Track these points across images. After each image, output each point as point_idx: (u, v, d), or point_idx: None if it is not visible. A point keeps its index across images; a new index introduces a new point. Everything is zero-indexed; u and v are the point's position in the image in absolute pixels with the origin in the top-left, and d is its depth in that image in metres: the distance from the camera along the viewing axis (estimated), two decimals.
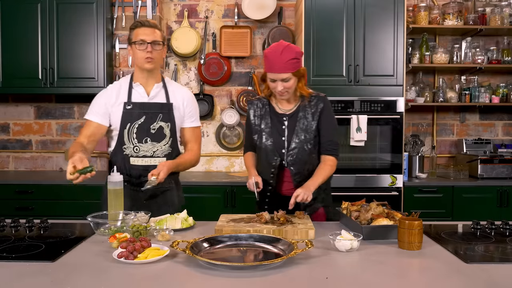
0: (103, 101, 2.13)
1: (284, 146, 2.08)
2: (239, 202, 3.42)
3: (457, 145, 4.05)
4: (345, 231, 1.59)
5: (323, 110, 2.07)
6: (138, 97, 2.12)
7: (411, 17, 3.78)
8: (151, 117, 2.10)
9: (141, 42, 2.05)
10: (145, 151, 2.10)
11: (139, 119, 2.09)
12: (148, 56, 2.05)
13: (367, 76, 3.44)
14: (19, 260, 1.43)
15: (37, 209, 3.42)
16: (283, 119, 2.10)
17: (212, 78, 3.95)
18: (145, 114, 2.10)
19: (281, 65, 1.93)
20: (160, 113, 2.12)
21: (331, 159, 2.07)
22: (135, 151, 2.10)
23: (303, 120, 2.06)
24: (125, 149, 2.11)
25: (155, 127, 2.11)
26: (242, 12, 3.92)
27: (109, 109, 2.12)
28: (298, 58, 1.97)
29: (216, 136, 4.05)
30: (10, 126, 4.09)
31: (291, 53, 1.93)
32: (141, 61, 2.08)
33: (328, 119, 2.09)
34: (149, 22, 2.09)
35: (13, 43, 3.62)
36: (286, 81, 1.97)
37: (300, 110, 2.07)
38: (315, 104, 2.07)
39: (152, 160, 2.11)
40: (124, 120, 2.09)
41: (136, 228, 1.68)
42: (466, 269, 1.37)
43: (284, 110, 2.11)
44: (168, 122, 2.12)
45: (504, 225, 1.87)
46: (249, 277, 1.29)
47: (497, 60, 3.78)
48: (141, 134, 2.09)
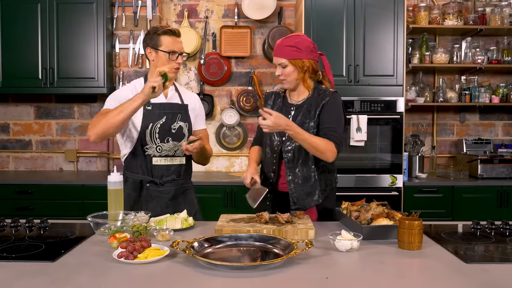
0: (121, 96, 2.05)
1: (285, 134, 2.08)
2: (239, 202, 3.42)
3: (457, 145, 4.05)
4: (345, 231, 1.59)
5: (327, 103, 2.03)
6: (156, 99, 2.10)
7: (411, 17, 3.78)
8: (172, 117, 2.13)
9: (172, 53, 2.07)
10: (167, 150, 2.12)
11: (161, 119, 2.11)
12: (177, 67, 2.09)
13: (367, 76, 3.44)
14: (19, 260, 1.43)
15: (37, 209, 3.42)
16: (290, 109, 2.12)
17: (212, 78, 3.95)
18: (165, 114, 2.12)
19: (278, 49, 2.02)
20: (179, 113, 2.15)
21: (330, 142, 1.95)
22: (158, 150, 2.11)
23: (307, 111, 2.06)
24: (147, 149, 2.10)
25: (175, 126, 2.14)
26: (242, 12, 3.92)
27: None
28: (298, 48, 1.99)
29: (216, 136, 4.05)
30: (10, 126, 4.09)
31: (290, 41, 2.00)
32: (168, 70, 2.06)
33: (330, 112, 2.01)
34: (178, 31, 2.11)
35: (13, 43, 3.62)
36: (283, 67, 2.02)
37: (307, 103, 2.08)
38: (322, 98, 2.05)
39: (174, 160, 2.14)
40: (145, 120, 2.09)
41: (136, 228, 1.68)
42: (466, 269, 1.37)
43: (294, 101, 2.13)
44: (186, 122, 2.17)
45: (504, 225, 1.87)
46: (249, 277, 1.29)
47: (497, 60, 3.78)
48: (163, 134, 2.11)
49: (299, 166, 2.06)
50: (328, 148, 1.94)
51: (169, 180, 2.13)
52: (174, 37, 2.08)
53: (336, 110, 2.04)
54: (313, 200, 2.06)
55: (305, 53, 2.01)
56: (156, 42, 2.07)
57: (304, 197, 2.06)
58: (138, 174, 2.13)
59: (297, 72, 2.03)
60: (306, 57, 2.01)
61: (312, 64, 2.05)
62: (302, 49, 2.00)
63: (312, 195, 2.06)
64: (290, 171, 2.07)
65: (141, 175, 2.12)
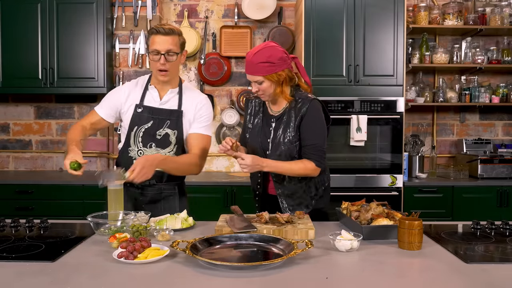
0: (115, 98, 2.12)
1: (268, 148, 2.07)
2: (239, 202, 3.42)
3: (457, 145, 4.05)
4: (345, 231, 1.59)
5: (305, 114, 1.98)
6: (151, 101, 2.09)
7: (411, 17, 3.78)
8: (158, 123, 2.06)
9: (155, 53, 1.98)
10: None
11: (147, 123, 2.06)
12: (161, 69, 1.99)
13: (367, 76, 3.44)
14: (19, 260, 1.43)
15: (37, 209, 3.42)
16: (271, 121, 2.09)
17: (212, 78, 3.95)
18: (153, 119, 2.06)
19: (251, 67, 1.93)
20: (168, 120, 2.07)
21: (308, 162, 1.99)
22: (139, 154, 2.07)
23: (287, 123, 2.02)
24: (130, 151, 2.09)
25: (161, 133, 2.07)
26: (242, 12, 3.92)
27: (119, 107, 2.12)
28: (272, 63, 1.90)
29: (216, 136, 4.05)
30: (10, 126, 4.09)
31: (262, 57, 1.90)
32: (155, 72, 2.05)
33: (309, 124, 1.99)
34: (164, 28, 1.98)
35: (13, 43, 3.62)
36: (259, 84, 1.95)
37: (286, 113, 2.04)
38: (300, 108, 2.00)
39: None
40: (132, 122, 2.08)
41: (136, 228, 1.68)
42: (466, 269, 1.37)
43: (274, 112, 2.09)
44: (175, 129, 2.07)
45: (504, 225, 1.87)
46: (249, 277, 1.29)
47: (497, 60, 3.78)
48: (147, 138, 2.06)
49: (286, 179, 2.05)
50: (308, 169, 1.98)
51: (147, 184, 2.07)
52: (158, 35, 1.97)
53: (316, 122, 2.01)
54: (305, 207, 2.08)
55: (279, 66, 1.92)
56: (148, 42, 2.04)
57: (296, 207, 2.07)
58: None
59: (274, 85, 1.96)
60: (281, 69, 1.93)
61: (287, 73, 1.97)
62: (275, 63, 1.91)
63: (303, 204, 2.08)
64: (279, 185, 2.07)
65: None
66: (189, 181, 3.49)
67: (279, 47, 1.97)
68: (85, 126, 2.09)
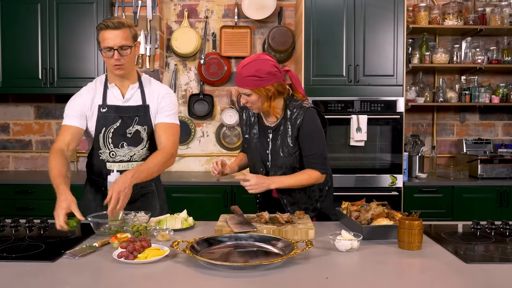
0: (78, 103, 2.01)
1: (268, 159, 2.07)
2: (239, 202, 3.42)
3: (457, 145, 4.05)
4: (345, 231, 1.59)
5: (302, 124, 1.98)
6: (114, 100, 2.01)
7: (411, 17, 3.78)
8: (127, 121, 2.00)
9: (108, 49, 1.89)
10: (121, 156, 2.01)
11: (115, 123, 1.99)
12: (116, 64, 1.91)
13: (367, 76, 3.44)
14: (19, 260, 1.43)
15: (37, 209, 3.42)
16: (267, 132, 2.07)
17: (212, 78, 3.95)
18: (120, 118, 1.99)
19: (239, 80, 1.92)
20: (136, 116, 2.01)
21: (313, 171, 2.00)
22: (111, 156, 2.01)
23: (284, 135, 2.02)
24: (101, 154, 2.02)
25: (132, 131, 2.01)
26: (242, 12, 3.92)
27: (85, 112, 2.01)
28: (260, 77, 1.87)
29: (216, 136, 4.05)
30: (10, 126, 4.09)
31: (250, 71, 1.88)
32: (110, 68, 1.97)
33: (307, 135, 1.99)
34: (113, 22, 1.87)
35: (13, 43, 3.62)
36: (248, 96, 1.94)
37: (282, 124, 2.03)
38: (295, 119, 1.99)
39: (130, 165, 2.01)
40: (99, 124, 1.99)
41: (136, 228, 1.68)
42: (466, 269, 1.37)
43: (269, 123, 2.08)
44: (144, 125, 2.02)
45: (504, 225, 1.87)
46: (249, 277, 1.29)
47: (497, 60, 3.78)
48: (117, 138, 1.99)
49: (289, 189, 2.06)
50: (313, 178, 2.01)
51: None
52: (108, 31, 1.87)
53: (313, 132, 2.00)
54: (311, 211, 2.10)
55: (267, 80, 1.89)
56: (98, 39, 1.92)
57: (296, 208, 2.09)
58: (94, 176, 2.08)
59: (262, 99, 1.94)
60: (269, 84, 1.90)
61: (277, 87, 1.93)
62: (263, 77, 1.88)
63: (309, 209, 2.10)
64: (283, 195, 2.08)
65: (96, 178, 2.08)
66: (189, 181, 3.52)
67: (271, 60, 1.93)
68: (63, 150, 1.92)
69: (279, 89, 1.95)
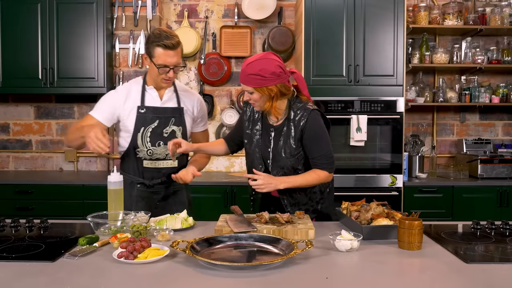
0: (112, 102, 2.13)
1: (269, 157, 2.06)
2: (239, 202, 3.42)
3: (457, 145, 4.05)
4: (345, 231, 1.59)
5: (306, 126, 1.98)
6: (152, 101, 2.14)
7: (411, 17, 3.78)
8: (164, 121, 2.13)
9: (164, 67, 2.01)
10: (158, 154, 2.13)
11: (153, 123, 2.12)
12: (167, 79, 2.06)
13: (367, 76, 3.44)
14: (19, 260, 1.43)
15: (37, 209, 3.42)
16: (270, 131, 2.07)
17: (212, 78, 3.95)
18: (158, 118, 2.12)
19: (243, 76, 1.92)
20: (173, 117, 2.15)
21: (321, 171, 2.01)
22: (149, 154, 2.13)
23: (287, 135, 2.01)
24: (138, 152, 2.13)
25: (168, 131, 2.14)
26: (242, 12, 3.92)
27: (116, 111, 2.12)
28: (263, 76, 1.87)
29: (216, 136, 4.05)
30: (10, 126, 4.09)
31: (254, 69, 1.88)
32: (158, 81, 2.07)
33: (312, 137, 1.99)
34: (173, 43, 1.99)
35: (13, 43, 3.62)
36: (250, 93, 1.94)
37: (286, 125, 2.02)
38: (299, 120, 1.99)
39: (164, 163, 2.16)
40: (138, 124, 2.11)
41: (136, 228, 1.68)
42: (466, 269, 1.37)
43: (272, 122, 2.07)
44: (180, 126, 2.17)
45: (504, 225, 1.87)
46: (249, 277, 1.29)
47: (497, 60, 3.78)
48: (155, 138, 2.12)
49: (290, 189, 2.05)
50: (322, 178, 2.02)
51: (159, 182, 2.16)
52: (168, 51, 1.99)
53: (318, 134, 1.99)
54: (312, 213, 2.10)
55: (271, 80, 1.88)
56: (151, 51, 2.02)
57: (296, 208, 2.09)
58: (130, 174, 2.17)
59: (265, 98, 1.94)
60: (272, 84, 1.89)
61: (280, 88, 1.92)
62: (266, 77, 1.87)
63: (310, 210, 2.10)
64: (283, 195, 2.07)
65: (132, 176, 2.17)
66: None
67: (277, 60, 1.91)
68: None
69: (282, 90, 1.94)
